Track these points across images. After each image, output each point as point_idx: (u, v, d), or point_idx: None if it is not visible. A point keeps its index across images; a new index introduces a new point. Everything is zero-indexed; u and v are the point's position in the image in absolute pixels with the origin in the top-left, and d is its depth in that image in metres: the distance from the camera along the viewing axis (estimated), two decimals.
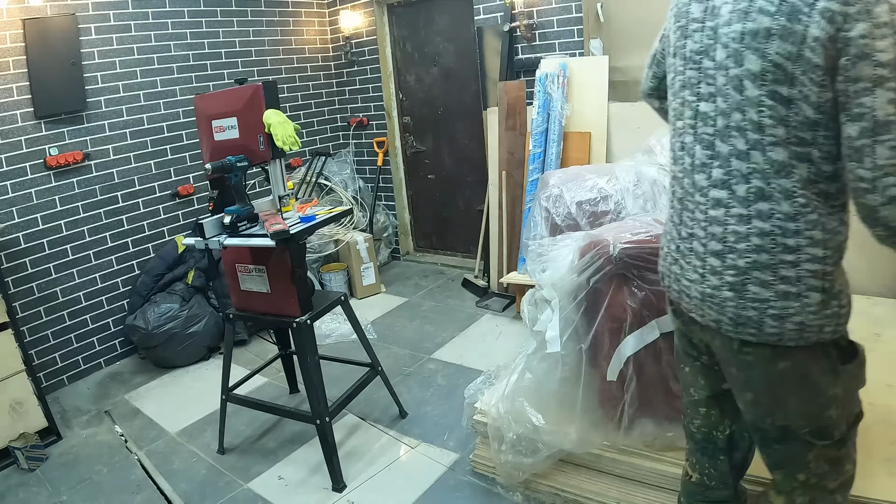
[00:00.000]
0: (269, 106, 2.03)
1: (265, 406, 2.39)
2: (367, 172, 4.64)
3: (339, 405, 2.23)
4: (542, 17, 3.41)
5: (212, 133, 2.12)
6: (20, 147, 2.88)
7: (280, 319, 2.19)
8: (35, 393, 2.54)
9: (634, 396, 1.64)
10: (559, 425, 1.78)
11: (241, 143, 2.08)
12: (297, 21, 4.27)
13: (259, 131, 2.03)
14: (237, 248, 2.15)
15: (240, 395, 2.43)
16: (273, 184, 2.17)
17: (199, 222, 2.05)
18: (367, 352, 2.47)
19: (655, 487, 1.70)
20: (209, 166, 1.98)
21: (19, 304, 2.89)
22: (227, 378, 2.37)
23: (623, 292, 1.61)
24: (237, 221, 2.08)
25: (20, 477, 2.38)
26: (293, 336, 2.22)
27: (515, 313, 3.37)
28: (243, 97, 2.05)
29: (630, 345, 1.59)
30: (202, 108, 2.15)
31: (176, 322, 3.10)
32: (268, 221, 2.04)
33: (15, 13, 2.81)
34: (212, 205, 2.19)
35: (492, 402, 1.94)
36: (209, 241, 2.04)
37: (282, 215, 2.15)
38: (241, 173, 2.08)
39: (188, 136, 3.59)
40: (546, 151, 3.18)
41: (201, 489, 2.20)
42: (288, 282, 2.11)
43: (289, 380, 2.83)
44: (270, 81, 2.14)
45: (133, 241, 3.39)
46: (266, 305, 2.21)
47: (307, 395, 2.18)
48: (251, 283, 2.20)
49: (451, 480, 2.11)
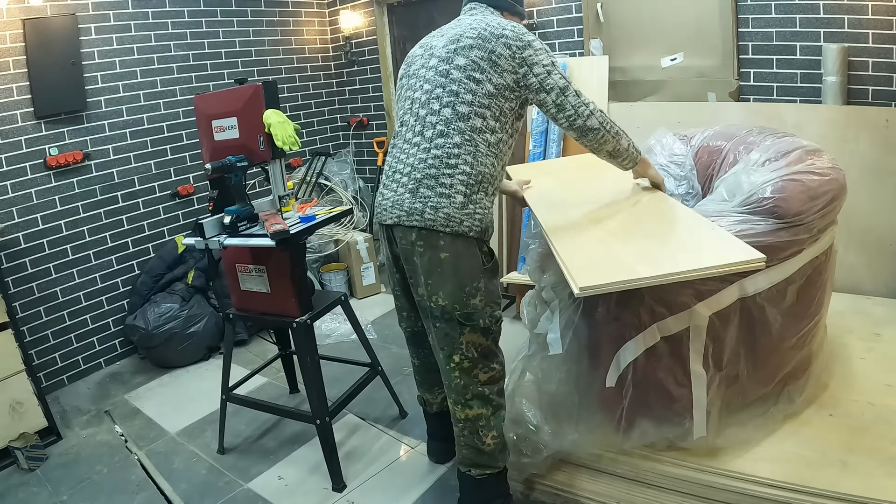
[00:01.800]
0: (268, 106, 2.03)
1: (265, 406, 2.39)
2: (367, 172, 4.64)
3: (339, 405, 2.23)
4: (542, 17, 3.41)
5: (212, 133, 2.12)
6: (20, 147, 2.88)
7: (280, 319, 2.18)
8: (35, 393, 2.54)
9: (633, 399, 1.64)
10: (559, 426, 1.78)
11: (241, 143, 2.07)
12: (297, 21, 4.26)
13: (259, 131, 2.03)
14: (237, 248, 2.15)
15: (240, 395, 2.43)
16: (273, 184, 2.17)
17: (199, 222, 2.05)
18: (367, 352, 2.47)
19: (655, 487, 1.70)
20: (209, 166, 1.98)
21: (19, 304, 2.89)
22: (227, 378, 2.36)
23: (623, 295, 1.60)
24: (237, 221, 2.07)
25: (20, 477, 2.37)
26: (293, 336, 2.22)
27: (515, 313, 3.36)
28: (243, 97, 2.05)
29: (629, 351, 1.58)
30: (202, 108, 2.15)
31: (176, 322, 3.10)
32: (268, 221, 2.04)
33: (15, 13, 2.81)
34: (212, 205, 2.18)
35: None
36: (209, 241, 2.04)
37: (282, 215, 2.14)
38: (241, 173, 2.08)
39: (188, 136, 3.59)
40: (546, 151, 3.18)
41: (201, 489, 2.20)
42: (288, 282, 2.10)
43: (289, 380, 2.82)
44: (270, 81, 2.14)
45: (133, 241, 3.39)
46: (266, 305, 2.20)
47: (307, 395, 2.18)
48: (251, 283, 2.20)
49: (452, 480, 2.10)
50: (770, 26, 2.72)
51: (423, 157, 1.59)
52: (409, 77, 1.73)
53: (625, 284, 1.20)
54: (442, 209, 1.55)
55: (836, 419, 1.71)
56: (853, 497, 1.42)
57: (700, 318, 1.52)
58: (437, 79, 1.61)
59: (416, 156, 1.61)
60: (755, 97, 2.84)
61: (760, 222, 1.51)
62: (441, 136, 1.57)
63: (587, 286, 1.18)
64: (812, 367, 1.78)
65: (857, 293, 2.48)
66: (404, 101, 1.72)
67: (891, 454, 1.53)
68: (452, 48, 1.61)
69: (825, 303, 1.78)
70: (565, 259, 1.32)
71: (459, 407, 1.71)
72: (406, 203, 1.59)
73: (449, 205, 1.55)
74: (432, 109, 1.60)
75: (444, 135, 1.57)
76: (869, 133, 2.43)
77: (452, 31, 1.67)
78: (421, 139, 1.61)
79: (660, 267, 1.22)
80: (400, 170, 1.65)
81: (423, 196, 1.57)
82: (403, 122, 1.71)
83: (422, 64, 1.69)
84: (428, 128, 1.60)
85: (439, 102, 1.59)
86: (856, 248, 2.48)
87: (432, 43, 1.71)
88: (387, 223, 1.67)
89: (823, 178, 1.59)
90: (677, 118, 2.84)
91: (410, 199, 1.59)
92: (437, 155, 1.57)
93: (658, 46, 3.06)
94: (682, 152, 2.16)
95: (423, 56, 1.71)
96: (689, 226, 1.45)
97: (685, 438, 1.63)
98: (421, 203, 1.57)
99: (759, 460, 1.59)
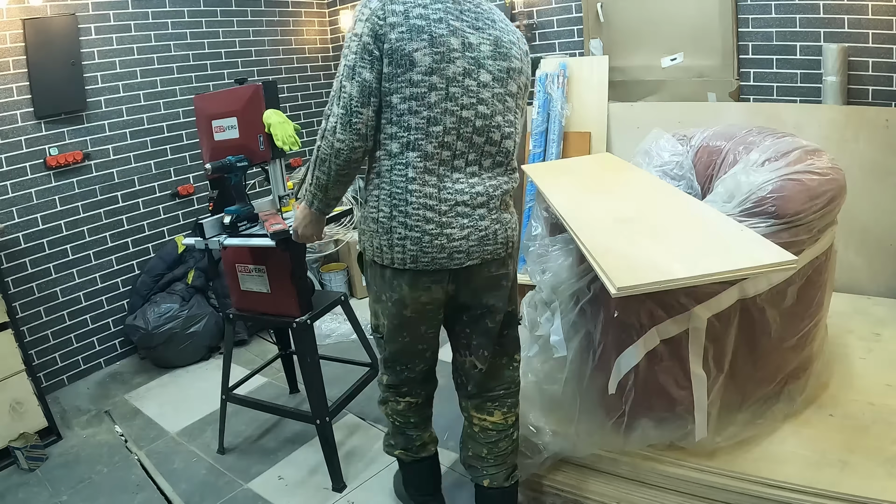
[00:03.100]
0: (269, 106, 2.03)
1: (265, 406, 2.39)
2: None
3: (339, 405, 2.23)
4: (541, 17, 3.41)
5: (212, 133, 2.12)
6: (20, 147, 2.88)
7: (280, 319, 2.18)
8: (35, 393, 2.54)
9: (635, 401, 1.64)
10: (560, 427, 1.78)
11: (241, 143, 2.07)
12: (297, 21, 4.26)
13: (259, 131, 2.03)
14: (237, 249, 2.15)
15: (240, 396, 2.43)
16: (273, 184, 2.17)
17: (199, 222, 2.05)
18: (367, 352, 2.46)
19: (656, 487, 1.70)
20: (209, 166, 1.98)
21: (19, 304, 2.89)
22: (228, 378, 2.36)
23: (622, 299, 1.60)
24: (237, 221, 2.07)
25: (20, 477, 2.38)
26: (293, 336, 2.22)
27: None
28: (243, 97, 2.05)
29: (630, 356, 1.58)
30: (202, 108, 2.15)
31: (176, 322, 3.10)
32: (268, 221, 2.04)
33: (15, 13, 2.81)
34: (212, 205, 2.18)
35: None
36: (209, 242, 2.04)
37: (282, 215, 2.14)
38: (241, 173, 2.08)
39: (188, 136, 3.59)
40: (546, 151, 3.18)
41: (201, 489, 2.20)
42: (288, 282, 2.10)
43: (289, 380, 2.82)
44: (270, 81, 2.14)
45: (133, 241, 3.38)
46: (266, 305, 2.20)
47: (307, 396, 2.18)
48: (251, 283, 2.20)
49: (452, 480, 2.11)
50: (770, 26, 2.72)
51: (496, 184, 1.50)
52: (450, 82, 1.37)
53: (662, 285, 1.16)
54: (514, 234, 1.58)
55: (836, 419, 1.71)
56: (853, 497, 1.42)
57: (699, 321, 1.52)
58: (496, 104, 1.44)
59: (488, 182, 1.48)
60: (755, 97, 2.84)
61: (760, 222, 1.51)
62: (501, 165, 1.51)
63: (625, 286, 1.14)
64: (812, 368, 1.78)
65: (857, 293, 2.48)
66: (446, 115, 1.38)
67: (891, 454, 1.53)
68: (505, 67, 1.44)
69: (825, 303, 1.78)
70: (598, 258, 1.29)
71: (512, 410, 1.73)
72: (499, 235, 1.51)
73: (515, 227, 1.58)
74: (491, 140, 1.45)
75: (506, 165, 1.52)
76: (869, 133, 2.43)
77: (489, 28, 1.43)
78: (480, 169, 1.47)
79: (695, 267, 1.19)
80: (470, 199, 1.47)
81: (505, 221, 1.53)
82: (448, 145, 1.41)
83: (466, 71, 1.38)
84: (487, 157, 1.47)
85: (500, 132, 1.46)
86: (856, 248, 2.48)
87: (470, 40, 1.39)
88: (467, 265, 1.48)
89: (823, 178, 1.58)
90: (677, 118, 2.84)
91: (497, 228, 1.50)
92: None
93: (658, 46, 3.06)
94: (681, 152, 2.15)
95: (463, 58, 1.38)
96: (717, 226, 1.43)
97: (686, 439, 1.63)
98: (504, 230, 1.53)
99: (759, 460, 1.58)
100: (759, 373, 1.67)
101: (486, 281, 1.54)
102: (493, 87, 1.42)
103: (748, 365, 1.64)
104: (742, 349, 1.61)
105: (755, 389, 1.68)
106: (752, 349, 1.63)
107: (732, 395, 1.65)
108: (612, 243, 1.38)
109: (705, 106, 2.90)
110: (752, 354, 1.63)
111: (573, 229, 1.50)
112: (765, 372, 1.68)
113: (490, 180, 1.48)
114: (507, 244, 1.53)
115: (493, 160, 1.48)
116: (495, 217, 1.49)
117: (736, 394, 1.66)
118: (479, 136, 1.43)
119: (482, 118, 1.42)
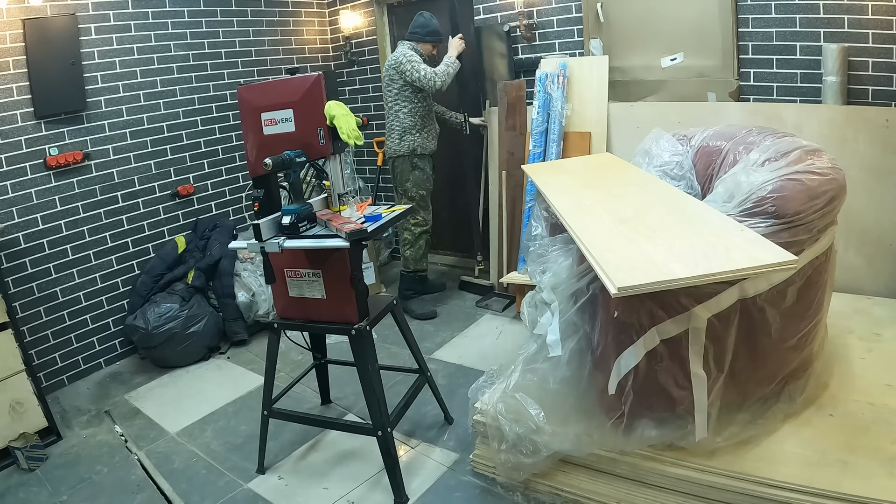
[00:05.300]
0: (330, 97, 1.90)
1: (314, 420, 2.28)
2: (367, 172, 4.64)
3: (397, 415, 2.14)
4: (542, 16, 3.41)
5: (260, 126, 1.95)
6: (20, 147, 2.88)
7: (335, 326, 2.03)
8: (35, 393, 2.55)
9: (634, 401, 1.64)
10: (559, 426, 1.78)
11: (297, 137, 1.92)
12: (297, 21, 4.26)
13: (319, 124, 1.88)
14: (289, 252, 1.97)
15: (284, 410, 2.27)
16: (333, 181, 2.03)
17: (256, 224, 1.88)
18: (416, 359, 2.38)
19: (656, 487, 1.70)
20: (269, 161, 1.80)
21: (19, 304, 2.89)
22: (270, 392, 2.19)
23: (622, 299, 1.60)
24: (297, 222, 1.91)
25: (20, 477, 2.38)
26: (351, 343, 2.02)
27: (515, 313, 3.37)
28: (301, 87, 1.89)
29: (630, 357, 1.58)
30: (249, 100, 1.99)
31: (176, 322, 3.10)
32: (334, 221, 1.90)
33: (15, 13, 2.81)
34: (257, 205, 1.99)
35: (492, 402, 1.94)
36: (266, 244, 1.86)
37: (340, 214, 2.01)
38: (300, 169, 1.94)
39: (188, 136, 3.59)
40: (546, 151, 3.18)
41: (201, 489, 2.20)
42: (347, 286, 1.96)
43: (321, 390, 2.66)
44: (331, 70, 2.05)
45: (133, 241, 3.39)
46: (320, 312, 2.04)
47: (367, 406, 2.03)
48: (304, 288, 2.04)
49: (452, 480, 2.11)
50: (770, 26, 2.72)
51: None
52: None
53: (661, 285, 1.17)
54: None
55: (836, 419, 1.71)
56: (853, 497, 1.42)
57: (699, 321, 1.52)
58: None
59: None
60: (755, 97, 2.84)
61: (760, 222, 1.51)
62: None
63: (625, 286, 1.15)
64: (812, 368, 1.78)
65: (857, 293, 2.48)
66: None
67: (891, 454, 1.53)
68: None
69: (825, 303, 1.78)
70: (598, 258, 1.29)
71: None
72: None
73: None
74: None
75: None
76: (869, 133, 2.43)
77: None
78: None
79: (695, 267, 1.19)
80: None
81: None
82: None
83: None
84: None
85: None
86: (856, 248, 2.48)
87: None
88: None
89: (823, 177, 1.58)
90: (677, 118, 2.84)
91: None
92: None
93: (658, 46, 3.06)
94: (681, 152, 2.15)
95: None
96: (717, 226, 1.43)
97: (686, 439, 1.63)
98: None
99: (759, 460, 1.58)
100: (759, 373, 1.67)
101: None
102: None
103: (748, 365, 1.64)
104: (742, 349, 1.61)
105: (755, 389, 1.68)
106: (752, 349, 1.62)
107: (732, 395, 1.65)
108: (612, 243, 1.38)
109: (705, 106, 2.90)
110: (752, 354, 1.63)
111: (573, 229, 1.50)
112: (765, 372, 1.68)
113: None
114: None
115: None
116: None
117: (736, 394, 1.66)
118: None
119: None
